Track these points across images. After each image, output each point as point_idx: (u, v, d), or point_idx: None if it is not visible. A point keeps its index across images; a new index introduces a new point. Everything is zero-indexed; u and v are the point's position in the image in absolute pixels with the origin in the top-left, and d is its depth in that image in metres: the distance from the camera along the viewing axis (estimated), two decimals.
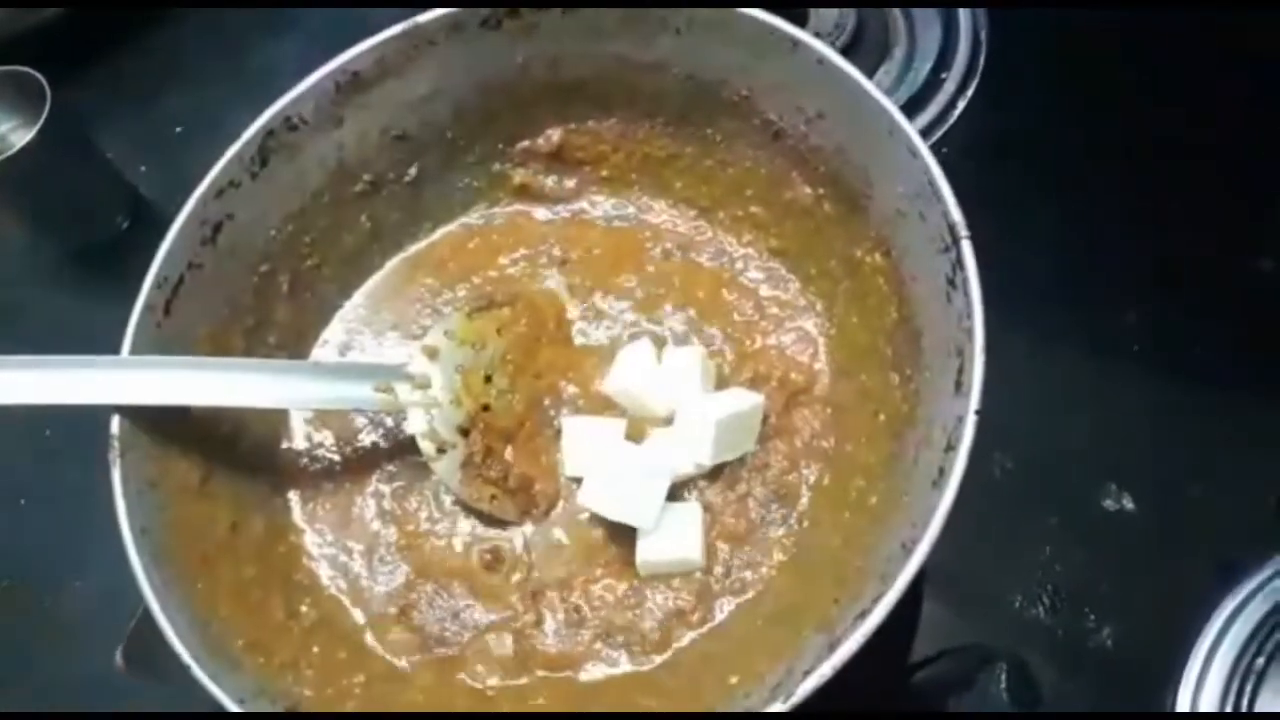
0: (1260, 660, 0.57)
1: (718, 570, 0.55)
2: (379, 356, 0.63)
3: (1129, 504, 0.62)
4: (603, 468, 0.55)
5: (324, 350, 0.64)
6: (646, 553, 0.54)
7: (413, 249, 0.66)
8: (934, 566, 0.56)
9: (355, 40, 0.61)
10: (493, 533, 0.58)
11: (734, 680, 0.51)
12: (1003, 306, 0.51)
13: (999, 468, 0.63)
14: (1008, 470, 0.63)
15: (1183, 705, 0.57)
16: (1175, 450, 0.63)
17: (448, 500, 0.59)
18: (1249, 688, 0.57)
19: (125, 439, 0.54)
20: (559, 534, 0.57)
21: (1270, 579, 0.59)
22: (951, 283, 0.51)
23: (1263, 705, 0.56)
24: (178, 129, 0.87)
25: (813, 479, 0.56)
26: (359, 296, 0.65)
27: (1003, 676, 0.59)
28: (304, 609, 0.57)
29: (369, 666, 0.56)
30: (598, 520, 0.56)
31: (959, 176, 0.54)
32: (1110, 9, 0.75)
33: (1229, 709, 0.56)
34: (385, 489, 0.60)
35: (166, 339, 0.57)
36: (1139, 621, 0.60)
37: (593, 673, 0.54)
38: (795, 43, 0.55)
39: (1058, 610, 0.60)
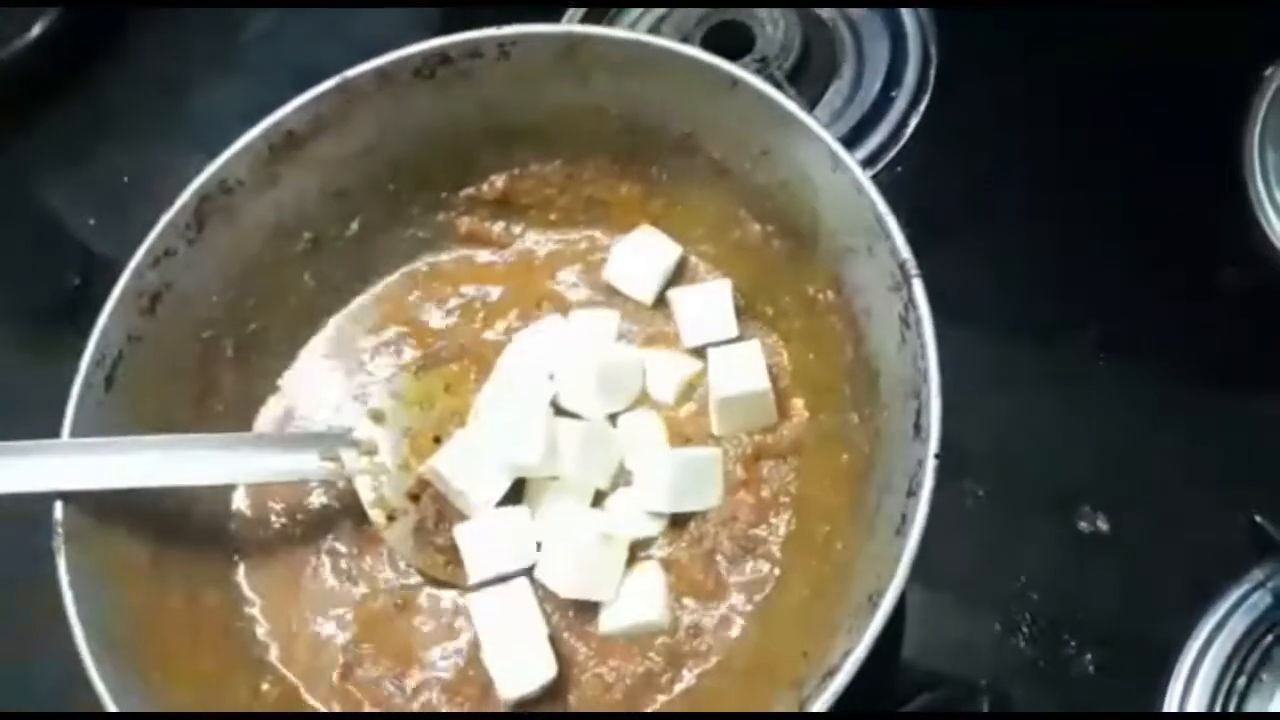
0: (1242, 680, 0.56)
1: (685, 629, 0.53)
2: (325, 419, 0.62)
3: (1103, 525, 0.61)
4: (559, 539, 0.54)
5: (268, 415, 0.62)
6: (608, 621, 0.53)
7: (354, 304, 0.64)
8: (910, 600, 0.55)
9: (298, 81, 0.60)
10: (447, 596, 0.56)
11: None
12: (963, 329, 0.50)
13: (970, 496, 0.62)
14: (979, 498, 0.62)
15: None
16: (1147, 467, 0.62)
17: (403, 562, 0.57)
18: (1232, 705, 0.56)
19: (69, 525, 0.52)
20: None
21: (1247, 595, 0.58)
22: (905, 321, 0.49)
23: None
24: (125, 179, 0.85)
25: (781, 529, 0.55)
26: (303, 356, 0.63)
27: (985, 709, 0.58)
28: (265, 687, 0.55)
29: None
30: None
31: (913, 197, 0.53)
32: (1055, 10, 0.74)
33: None
34: (341, 549, 0.58)
35: (109, 416, 0.55)
36: (1119, 645, 0.59)
37: None
38: (735, 81, 0.54)
39: (1037, 638, 0.59)
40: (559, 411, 0.57)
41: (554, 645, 0.53)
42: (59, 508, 0.52)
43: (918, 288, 0.48)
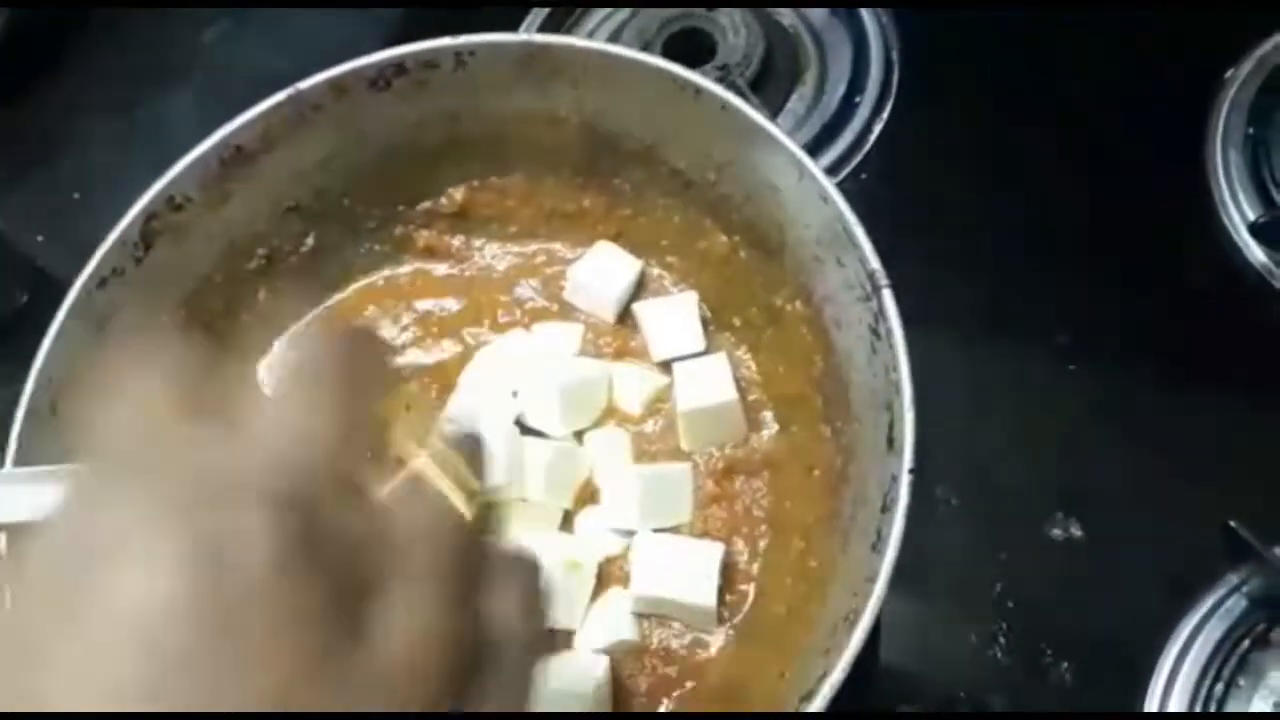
0: (1220, 686, 0.56)
1: (656, 652, 0.52)
2: None
3: (1077, 531, 0.61)
4: None
5: None
6: (583, 645, 0.52)
7: (308, 320, 0.62)
8: (885, 611, 0.54)
9: (252, 90, 0.58)
10: None
11: None
12: (932, 335, 0.50)
13: (943, 504, 0.62)
14: (952, 506, 0.62)
15: None
16: (1119, 473, 0.62)
17: None
18: (1211, 709, 0.56)
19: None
20: None
21: (1223, 600, 0.58)
22: (875, 332, 0.49)
23: None
24: (75, 195, 0.83)
25: (755, 545, 0.54)
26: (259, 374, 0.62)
27: None
28: None
29: None
30: None
31: (879, 203, 0.52)
32: (1016, 15, 0.74)
33: None
34: None
35: (56, 443, 0.53)
36: (1096, 653, 0.58)
37: None
38: (698, 90, 0.53)
39: (1014, 648, 0.59)
40: (524, 430, 0.55)
41: None
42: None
43: (888, 298, 0.48)
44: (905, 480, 0.45)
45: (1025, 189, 0.70)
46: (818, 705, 0.42)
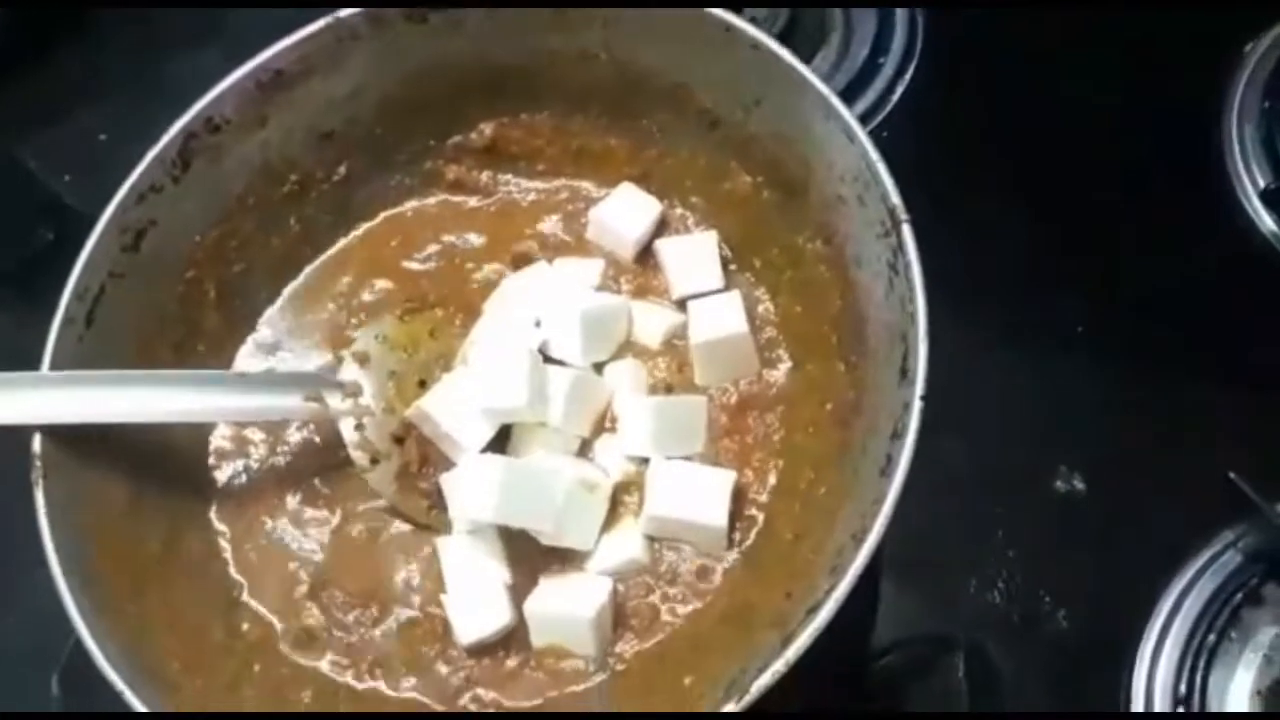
0: (1211, 637, 0.57)
1: (663, 574, 0.53)
2: (304, 360, 0.61)
3: (1079, 485, 0.62)
4: (542, 487, 0.52)
5: (249, 356, 0.62)
6: (593, 568, 0.53)
7: (338, 246, 0.64)
8: (889, 555, 0.56)
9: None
10: (426, 537, 0.56)
11: (688, 681, 0.50)
12: (946, 292, 0.51)
13: (949, 454, 0.63)
14: (958, 456, 0.63)
15: (1138, 683, 0.58)
16: (1123, 431, 0.63)
17: (382, 502, 0.57)
18: (1201, 664, 0.57)
19: (48, 459, 0.52)
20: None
21: (1217, 555, 0.59)
22: (893, 268, 0.50)
23: (1215, 681, 0.57)
24: (101, 137, 0.84)
25: (766, 476, 0.55)
26: (285, 298, 0.63)
27: (961, 662, 0.59)
28: (245, 627, 0.55)
29: (314, 683, 0.54)
30: None
31: (899, 162, 0.53)
32: None
33: (1183, 687, 0.57)
34: (319, 484, 0.58)
35: (89, 352, 0.55)
36: (1093, 602, 0.60)
37: (535, 680, 0.52)
38: (728, 28, 0.54)
39: (1013, 594, 0.60)
40: (546, 359, 0.57)
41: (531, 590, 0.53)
42: (37, 440, 0.52)
43: (907, 233, 0.49)
44: (917, 407, 0.46)
45: (1043, 152, 0.71)
46: (823, 617, 0.44)
